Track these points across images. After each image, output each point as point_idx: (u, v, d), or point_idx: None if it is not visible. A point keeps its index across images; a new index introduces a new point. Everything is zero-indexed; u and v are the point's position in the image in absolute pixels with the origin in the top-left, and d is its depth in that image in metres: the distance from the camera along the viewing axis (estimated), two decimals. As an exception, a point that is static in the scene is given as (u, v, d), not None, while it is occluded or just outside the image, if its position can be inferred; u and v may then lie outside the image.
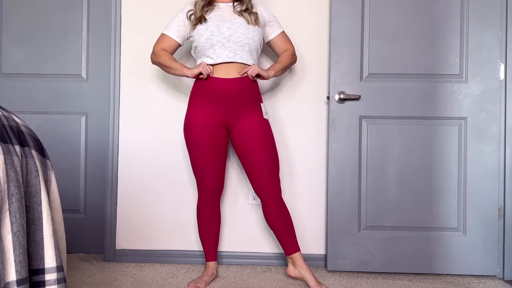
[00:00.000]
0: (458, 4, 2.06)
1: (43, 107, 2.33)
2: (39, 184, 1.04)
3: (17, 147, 1.00)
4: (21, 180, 0.97)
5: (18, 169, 0.97)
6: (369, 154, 2.08)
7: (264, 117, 1.89)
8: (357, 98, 2.06)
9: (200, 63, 1.83)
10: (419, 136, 2.07)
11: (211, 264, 1.97)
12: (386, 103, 2.07)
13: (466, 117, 2.06)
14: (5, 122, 1.02)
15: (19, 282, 0.92)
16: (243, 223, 2.23)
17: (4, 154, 0.94)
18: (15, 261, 0.92)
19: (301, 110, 2.22)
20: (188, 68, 1.86)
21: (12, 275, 0.92)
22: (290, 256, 1.88)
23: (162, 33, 1.95)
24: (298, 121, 2.20)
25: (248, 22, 1.86)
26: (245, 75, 1.85)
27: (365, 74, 2.08)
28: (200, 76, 1.84)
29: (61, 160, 2.31)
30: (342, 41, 2.07)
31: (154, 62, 1.97)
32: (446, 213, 2.06)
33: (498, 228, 2.05)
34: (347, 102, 2.08)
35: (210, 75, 1.84)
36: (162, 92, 2.23)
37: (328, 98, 2.13)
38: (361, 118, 2.08)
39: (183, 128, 1.94)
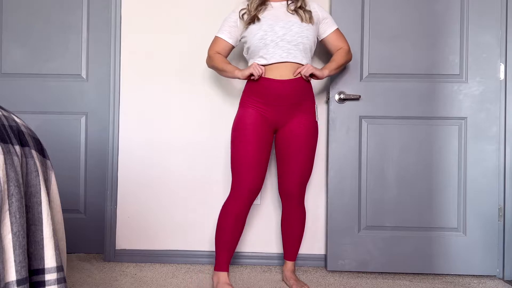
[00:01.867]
0: (458, 4, 2.06)
1: (43, 107, 2.33)
2: (39, 184, 1.04)
3: (17, 147, 1.00)
4: (21, 180, 0.97)
5: (18, 169, 0.97)
6: (369, 154, 2.08)
7: (316, 119, 1.85)
8: (357, 98, 2.06)
9: (251, 64, 1.76)
10: (419, 136, 2.07)
11: (223, 277, 1.77)
12: (386, 103, 2.07)
13: (466, 117, 2.06)
14: (5, 122, 1.02)
15: (19, 282, 0.92)
16: (243, 223, 2.23)
17: (4, 154, 0.94)
18: (15, 261, 0.92)
19: (301, 110, 2.22)
20: (239, 70, 1.78)
21: (12, 275, 0.92)
22: (284, 260, 1.98)
23: (215, 36, 1.90)
24: (298, 121, 2.20)
25: (302, 20, 1.79)
26: (299, 75, 1.77)
27: (365, 74, 2.08)
28: (252, 78, 1.77)
29: (61, 160, 2.31)
30: (342, 41, 2.07)
31: (209, 66, 1.93)
32: (446, 213, 2.06)
33: (498, 228, 2.05)
34: (347, 102, 2.08)
35: (262, 75, 1.77)
36: (163, 92, 2.23)
37: (328, 98, 2.13)
38: (361, 118, 2.08)
39: (232, 126, 1.86)
